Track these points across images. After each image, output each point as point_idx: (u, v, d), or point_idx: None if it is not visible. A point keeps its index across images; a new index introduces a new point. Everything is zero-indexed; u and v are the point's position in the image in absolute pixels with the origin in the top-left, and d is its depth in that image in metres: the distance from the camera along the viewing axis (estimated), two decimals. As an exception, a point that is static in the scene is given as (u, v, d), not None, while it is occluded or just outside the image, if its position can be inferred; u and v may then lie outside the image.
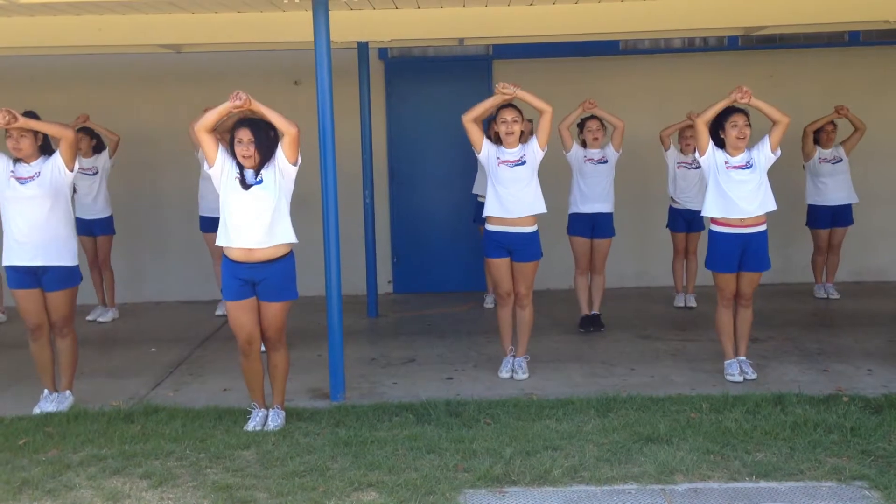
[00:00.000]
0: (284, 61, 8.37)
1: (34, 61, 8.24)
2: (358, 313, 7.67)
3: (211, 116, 4.79)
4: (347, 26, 6.42)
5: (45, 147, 5.25)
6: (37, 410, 5.25)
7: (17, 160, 5.20)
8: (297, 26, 6.25)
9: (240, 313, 4.84)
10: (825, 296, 8.03)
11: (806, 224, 8.04)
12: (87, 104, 8.46)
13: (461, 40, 8.00)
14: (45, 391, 5.37)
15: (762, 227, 5.54)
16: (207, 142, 4.80)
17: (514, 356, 5.89)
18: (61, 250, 5.19)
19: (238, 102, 4.76)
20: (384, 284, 8.65)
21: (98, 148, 7.78)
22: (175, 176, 8.44)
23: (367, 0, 6.00)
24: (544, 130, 5.67)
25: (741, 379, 5.57)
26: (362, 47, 7.58)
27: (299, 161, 4.89)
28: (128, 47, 7.60)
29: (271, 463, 4.37)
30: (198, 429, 4.86)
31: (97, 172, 7.69)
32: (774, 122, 5.47)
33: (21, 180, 5.13)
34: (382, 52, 8.61)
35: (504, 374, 5.86)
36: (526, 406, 5.10)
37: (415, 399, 5.30)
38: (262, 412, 5.01)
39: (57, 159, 5.16)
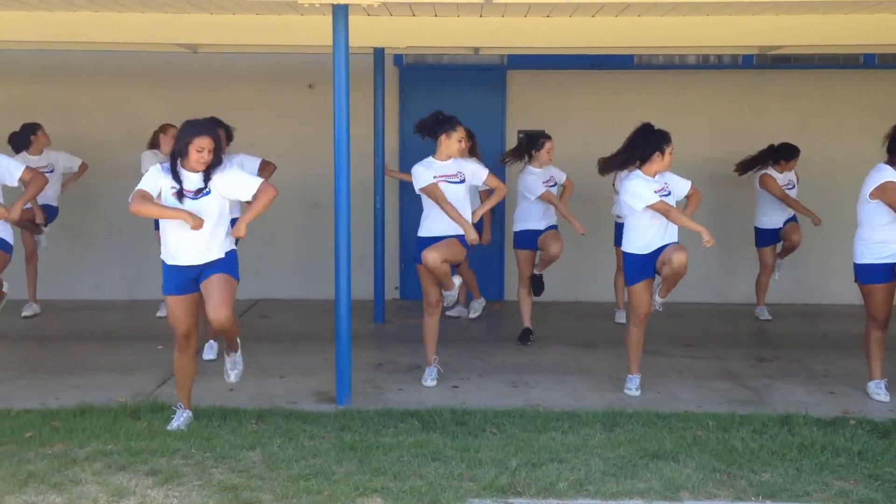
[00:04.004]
0: (299, 64, 8.39)
1: (52, 56, 8.27)
2: (364, 318, 7.66)
3: (149, 211, 4.69)
4: (364, 32, 6.43)
5: None
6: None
7: None
8: (314, 30, 6.27)
9: (179, 309, 4.81)
10: (768, 318, 7.92)
11: (755, 245, 7.97)
12: (103, 100, 8.52)
13: (476, 49, 8.02)
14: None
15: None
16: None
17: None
18: None
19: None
20: (391, 290, 8.66)
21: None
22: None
23: (384, 7, 6.01)
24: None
25: (638, 393, 5.62)
26: (378, 53, 7.61)
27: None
28: (145, 45, 7.62)
29: (276, 465, 4.37)
30: (203, 428, 4.86)
31: (53, 171, 7.62)
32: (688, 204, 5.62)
33: None
34: (398, 59, 8.63)
35: (429, 382, 5.86)
36: (532, 417, 5.09)
37: (420, 406, 5.29)
38: (186, 413, 4.97)
39: (8, 168, 5.43)
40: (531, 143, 6.96)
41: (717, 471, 4.33)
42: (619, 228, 7.57)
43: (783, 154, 7.70)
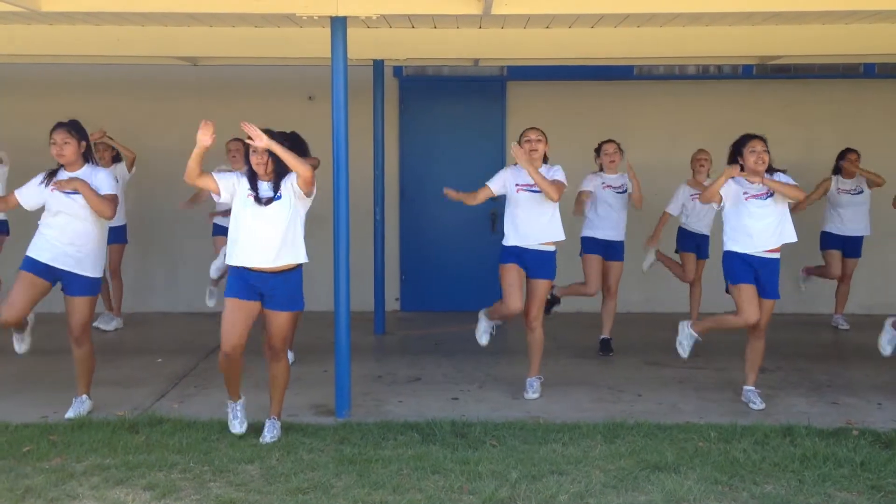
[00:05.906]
0: (299, 76, 8.41)
1: (52, 70, 8.30)
2: (365, 330, 7.64)
3: (191, 164, 4.70)
4: (364, 44, 6.45)
5: (87, 154, 5.29)
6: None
7: (57, 169, 5.23)
8: (313, 42, 6.29)
9: (236, 312, 4.75)
10: (836, 325, 8.00)
11: (820, 249, 7.98)
12: (104, 114, 8.49)
13: (476, 61, 8.03)
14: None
15: (777, 255, 5.54)
16: (204, 183, 4.78)
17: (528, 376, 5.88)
18: (92, 261, 5.23)
19: (256, 145, 4.67)
20: (391, 302, 8.64)
21: (117, 158, 7.79)
22: (186, 187, 8.43)
23: (384, 19, 6.02)
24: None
25: (763, 406, 5.53)
26: (378, 65, 7.61)
27: (314, 193, 4.89)
28: (145, 58, 7.65)
29: (275, 478, 4.34)
30: (202, 441, 4.84)
31: (117, 181, 7.64)
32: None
33: (66, 192, 5.15)
34: (397, 70, 8.65)
35: (530, 394, 5.81)
36: (532, 429, 5.07)
37: (420, 418, 5.26)
38: (239, 403, 4.97)
39: (100, 180, 5.23)
40: (598, 151, 6.97)
41: (718, 483, 4.30)
42: (681, 231, 7.53)
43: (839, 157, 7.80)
